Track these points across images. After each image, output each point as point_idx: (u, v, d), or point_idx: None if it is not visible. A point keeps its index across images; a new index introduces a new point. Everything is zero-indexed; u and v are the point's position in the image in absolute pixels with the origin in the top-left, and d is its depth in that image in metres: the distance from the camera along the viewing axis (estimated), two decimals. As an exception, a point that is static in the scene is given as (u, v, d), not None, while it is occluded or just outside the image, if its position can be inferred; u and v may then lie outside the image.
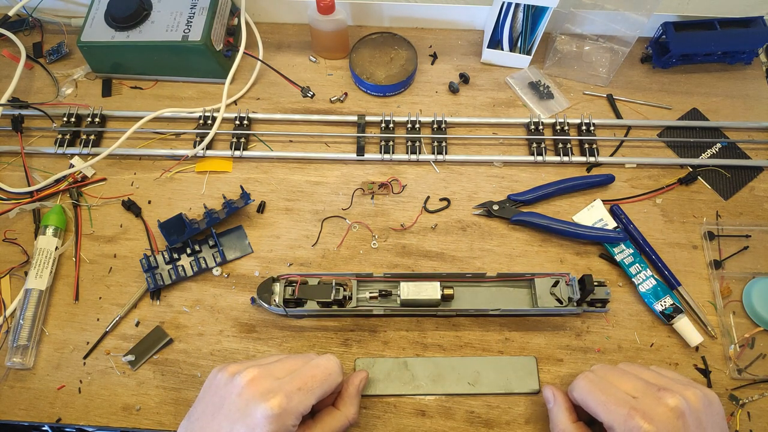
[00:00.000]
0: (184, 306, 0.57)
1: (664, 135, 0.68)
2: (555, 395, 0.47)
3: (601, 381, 0.44)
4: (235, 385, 0.40)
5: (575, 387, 0.46)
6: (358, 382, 0.48)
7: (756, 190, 0.64)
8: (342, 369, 0.45)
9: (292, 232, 0.61)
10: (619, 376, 0.45)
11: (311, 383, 0.40)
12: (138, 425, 0.52)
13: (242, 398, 0.39)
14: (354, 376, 0.49)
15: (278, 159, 0.66)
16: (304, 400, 0.39)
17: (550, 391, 0.48)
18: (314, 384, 0.41)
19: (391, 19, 0.75)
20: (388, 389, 0.53)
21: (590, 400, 0.43)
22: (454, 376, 0.53)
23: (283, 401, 0.38)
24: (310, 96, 0.69)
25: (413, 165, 0.65)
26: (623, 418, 0.40)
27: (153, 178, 0.64)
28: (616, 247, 0.59)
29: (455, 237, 0.61)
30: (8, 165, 0.65)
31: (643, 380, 0.43)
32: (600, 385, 0.44)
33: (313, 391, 0.40)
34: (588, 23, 0.67)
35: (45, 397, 0.53)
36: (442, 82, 0.71)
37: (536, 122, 0.66)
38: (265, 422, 0.37)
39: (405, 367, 0.53)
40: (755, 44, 0.69)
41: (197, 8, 0.66)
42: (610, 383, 0.44)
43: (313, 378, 0.41)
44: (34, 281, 0.56)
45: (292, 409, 0.38)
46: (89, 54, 0.68)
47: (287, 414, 0.38)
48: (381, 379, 0.53)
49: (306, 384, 0.40)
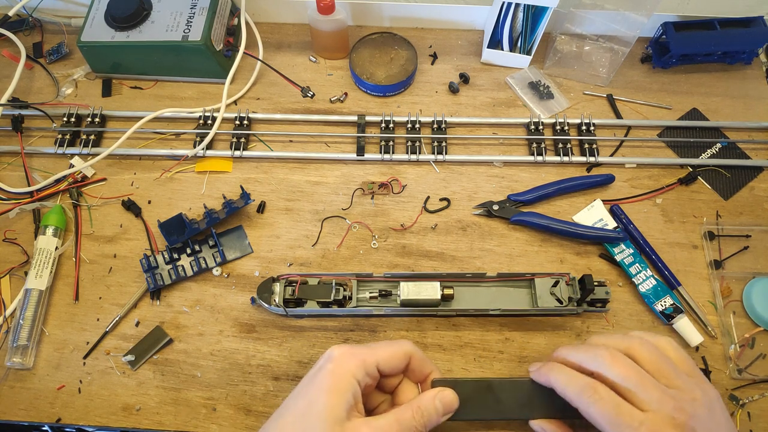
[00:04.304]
0: (184, 306, 0.57)
1: (664, 135, 0.68)
2: (543, 427, 0.45)
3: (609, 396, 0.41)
4: (326, 352, 0.42)
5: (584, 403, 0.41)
6: (436, 394, 0.42)
7: (756, 190, 0.64)
8: (415, 346, 0.44)
9: (292, 232, 0.61)
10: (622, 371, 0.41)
11: (376, 344, 0.43)
12: (138, 425, 0.52)
13: (324, 355, 0.42)
14: (435, 389, 0.43)
15: (278, 159, 0.66)
16: (367, 351, 0.41)
17: (537, 425, 0.46)
18: (379, 344, 0.42)
19: (391, 19, 0.75)
20: (470, 414, 0.46)
21: (598, 419, 0.40)
22: (543, 401, 0.45)
23: (344, 347, 0.41)
24: (310, 96, 0.69)
25: (413, 165, 0.65)
26: None
27: (153, 178, 0.64)
28: (616, 247, 0.59)
29: (455, 237, 0.61)
30: (8, 165, 0.65)
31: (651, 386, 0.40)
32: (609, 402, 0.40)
33: (377, 348, 0.42)
34: (588, 23, 0.67)
35: (45, 397, 0.53)
36: (442, 82, 0.71)
37: (536, 122, 0.66)
38: (327, 363, 0.40)
39: (489, 390, 0.46)
40: (755, 44, 0.69)
41: (197, 8, 0.66)
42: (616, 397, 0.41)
43: (378, 342, 0.43)
44: (34, 281, 0.56)
45: (353, 353, 0.40)
46: (89, 54, 0.68)
47: (348, 356, 0.40)
48: (461, 403, 0.45)
49: (372, 345, 0.42)
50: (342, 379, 0.39)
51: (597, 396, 0.40)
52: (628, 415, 0.39)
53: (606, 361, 0.41)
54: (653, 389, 0.40)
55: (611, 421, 0.39)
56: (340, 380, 0.39)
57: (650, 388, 0.40)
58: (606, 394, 0.40)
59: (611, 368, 0.41)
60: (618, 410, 0.39)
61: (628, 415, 0.39)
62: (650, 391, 0.40)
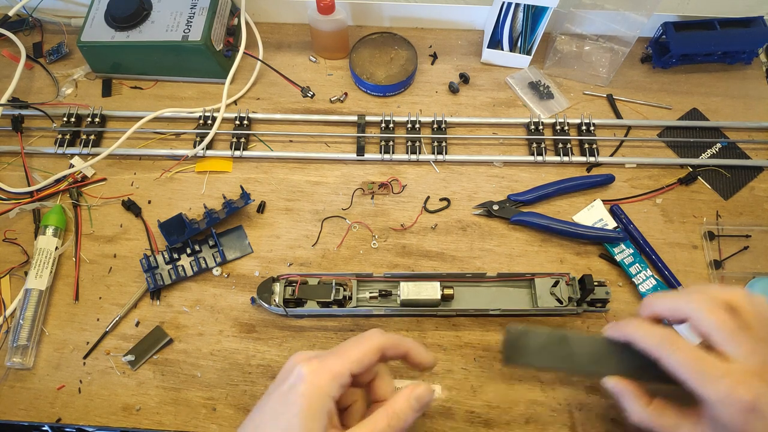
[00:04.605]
0: (184, 306, 0.57)
1: (664, 135, 0.68)
2: (620, 386, 0.44)
3: (691, 348, 0.39)
4: (291, 361, 0.41)
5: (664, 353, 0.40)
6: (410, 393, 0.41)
7: (756, 190, 0.64)
8: (384, 333, 0.42)
9: (292, 232, 0.61)
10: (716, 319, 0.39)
11: (344, 349, 0.40)
12: (138, 425, 0.52)
13: (285, 372, 0.40)
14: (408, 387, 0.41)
15: (278, 159, 0.66)
16: (338, 361, 0.39)
17: (612, 383, 0.44)
18: (347, 349, 0.40)
19: (391, 19, 0.75)
20: (542, 363, 0.46)
21: (680, 371, 0.39)
22: (619, 359, 0.44)
23: (313, 362, 0.39)
24: (310, 96, 0.69)
25: (413, 165, 0.65)
26: (723, 393, 0.36)
27: (153, 178, 0.64)
28: (616, 247, 0.59)
29: (455, 237, 0.61)
30: (8, 165, 0.65)
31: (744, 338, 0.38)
32: (691, 352, 0.39)
33: (346, 353, 0.40)
34: (588, 23, 0.67)
35: (45, 397, 0.53)
36: (442, 82, 0.71)
37: (536, 122, 0.66)
38: (298, 383, 0.38)
39: (563, 342, 0.46)
40: (755, 44, 0.69)
41: (197, 8, 0.66)
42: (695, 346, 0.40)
43: (346, 344, 0.41)
44: (34, 281, 0.56)
45: (324, 369, 0.38)
46: (89, 54, 0.68)
47: (319, 373, 0.38)
48: (534, 351, 0.45)
49: (339, 350, 0.40)
50: (316, 401, 0.37)
51: (676, 346, 0.39)
52: (710, 365, 0.38)
53: (702, 306, 0.40)
54: (745, 341, 0.38)
55: (692, 370, 0.38)
56: (313, 402, 0.37)
57: (743, 339, 0.38)
58: (686, 344, 0.39)
59: (707, 315, 0.39)
60: (699, 360, 0.38)
61: (711, 365, 0.38)
62: (742, 343, 0.38)
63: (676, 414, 0.41)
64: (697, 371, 0.38)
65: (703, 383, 0.38)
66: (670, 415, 0.41)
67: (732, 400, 0.37)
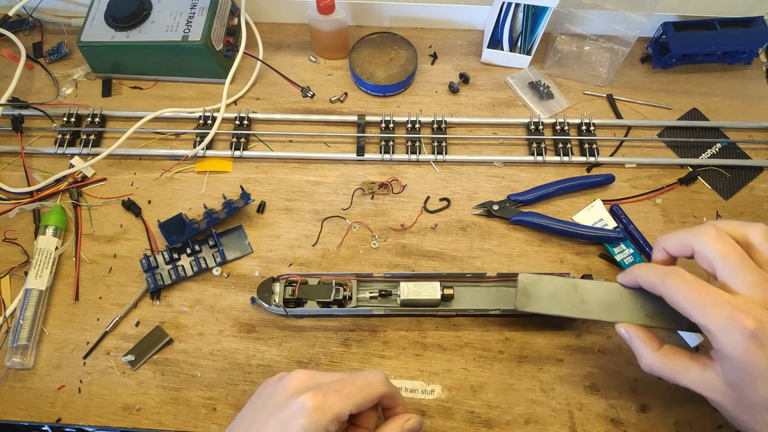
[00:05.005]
0: (184, 306, 0.57)
1: (664, 135, 0.68)
2: (630, 331, 0.44)
3: (694, 279, 0.39)
4: (282, 383, 0.40)
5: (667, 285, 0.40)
6: (403, 423, 0.42)
7: (756, 190, 0.64)
8: (387, 382, 0.42)
9: (292, 232, 0.61)
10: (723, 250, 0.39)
11: (350, 388, 0.40)
12: (138, 425, 0.52)
13: (284, 394, 0.39)
14: (401, 417, 0.43)
15: (278, 159, 0.66)
16: (339, 402, 0.38)
17: (624, 328, 0.44)
18: (353, 389, 0.40)
19: (391, 19, 0.75)
20: (554, 309, 0.46)
21: (682, 302, 0.38)
22: (630, 305, 0.45)
23: (318, 398, 0.38)
24: (310, 96, 0.69)
25: (413, 165, 0.65)
26: (725, 321, 0.36)
27: (153, 178, 0.64)
28: (616, 247, 0.59)
29: (455, 237, 0.61)
30: (8, 165, 0.65)
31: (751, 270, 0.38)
32: (694, 283, 0.38)
33: (350, 395, 0.39)
34: (588, 23, 0.67)
35: (45, 397, 0.53)
36: (442, 82, 0.71)
37: (536, 122, 0.66)
38: (299, 415, 0.37)
39: (574, 289, 0.46)
40: (755, 44, 0.69)
41: (197, 8, 0.66)
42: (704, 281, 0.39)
43: (352, 384, 0.40)
44: (34, 281, 0.56)
45: (327, 407, 0.38)
46: (89, 54, 0.68)
47: (322, 411, 0.37)
48: (546, 297, 0.46)
49: (345, 388, 0.40)
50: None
51: (680, 279, 0.39)
52: (713, 294, 0.37)
53: (709, 237, 0.39)
54: (752, 273, 0.37)
55: (694, 301, 0.37)
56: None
57: (749, 271, 0.37)
58: (690, 276, 0.38)
59: (713, 245, 0.38)
60: (702, 290, 0.37)
61: (713, 294, 0.37)
62: (748, 275, 0.37)
63: (686, 358, 0.40)
64: (699, 301, 0.37)
65: (704, 313, 0.37)
66: (680, 359, 0.41)
67: (733, 328, 0.36)
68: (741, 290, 0.37)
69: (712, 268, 0.39)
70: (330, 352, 0.55)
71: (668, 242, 0.43)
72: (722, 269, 0.38)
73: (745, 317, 0.35)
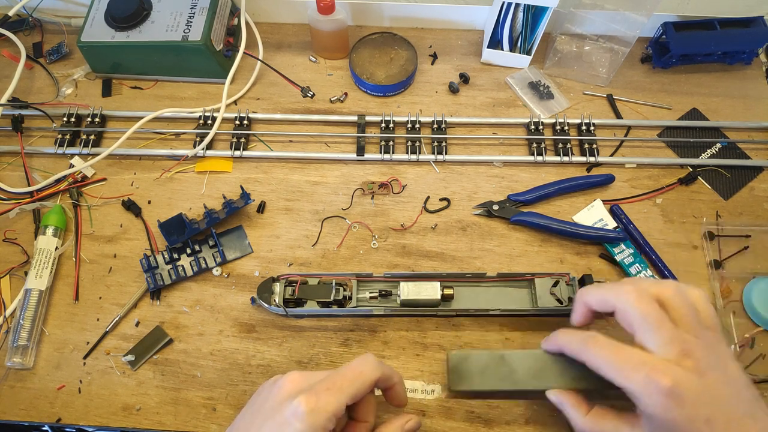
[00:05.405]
0: (184, 306, 0.57)
1: (664, 135, 0.68)
2: (560, 397, 0.45)
3: (610, 343, 0.41)
4: (276, 386, 0.40)
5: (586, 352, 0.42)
6: (402, 424, 0.43)
7: (756, 190, 0.64)
8: (378, 366, 0.42)
9: (292, 232, 0.61)
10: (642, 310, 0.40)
11: (341, 382, 0.40)
12: (138, 425, 0.52)
13: (278, 398, 0.39)
14: (400, 418, 0.44)
15: (278, 159, 0.66)
16: (333, 399, 0.38)
17: (554, 395, 0.45)
18: (344, 382, 0.40)
19: (391, 19, 0.75)
20: (485, 384, 0.46)
21: (602, 366, 0.40)
22: (557, 370, 0.45)
23: (311, 399, 0.38)
24: (310, 96, 0.69)
25: (413, 165, 0.65)
26: (642, 382, 0.37)
27: (153, 178, 0.64)
28: (616, 247, 0.59)
29: (455, 237, 0.61)
30: (8, 165, 0.65)
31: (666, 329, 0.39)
32: (611, 347, 0.40)
33: (343, 389, 0.39)
34: (588, 23, 0.67)
35: (45, 397, 0.53)
36: (442, 82, 0.71)
37: (536, 122, 0.66)
38: (293, 420, 0.37)
39: (502, 361, 0.47)
40: (755, 44, 0.69)
41: (197, 8, 0.66)
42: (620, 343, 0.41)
43: (343, 377, 0.40)
44: (34, 281, 0.56)
45: (321, 408, 0.38)
46: (89, 54, 0.68)
47: (317, 413, 0.37)
48: (476, 373, 0.46)
49: (335, 383, 0.40)
50: None
51: (596, 342, 0.40)
52: (629, 356, 0.38)
53: (630, 297, 0.40)
54: (667, 330, 0.39)
55: (613, 364, 0.39)
56: None
57: (665, 329, 0.39)
58: (606, 341, 0.40)
59: (634, 305, 0.40)
60: (619, 352, 0.39)
61: (630, 356, 0.38)
62: (664, 332, 0.38)
63: (614, 418, 0.42)
64: (617, 364, 0.39)
65: (624, 375, 0.38)
66: (609, 420, 0.42)
67: (651, 388, 0.37)
68: (656, 349, 0.38)
69: (631, 327, 0.41)
70: (330, 352, 0.55)
71: (590, 297, 0.44)
72: (639, 329, 0.40)
73: (661, 377, 0.36)
